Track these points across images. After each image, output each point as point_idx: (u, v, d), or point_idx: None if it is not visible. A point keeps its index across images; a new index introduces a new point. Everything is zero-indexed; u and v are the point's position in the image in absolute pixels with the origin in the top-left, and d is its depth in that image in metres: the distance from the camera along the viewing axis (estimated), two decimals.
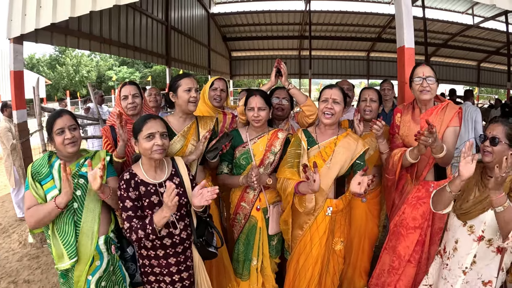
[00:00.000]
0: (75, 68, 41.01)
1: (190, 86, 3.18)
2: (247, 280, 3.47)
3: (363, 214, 3.78)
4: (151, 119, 2.68)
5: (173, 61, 15.05)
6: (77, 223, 2.66)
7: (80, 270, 2.65)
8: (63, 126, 2.64)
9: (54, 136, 2.65)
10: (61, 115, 2.68)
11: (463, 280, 2.69)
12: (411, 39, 4.35)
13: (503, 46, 22.75)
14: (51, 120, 2.66)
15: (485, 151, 2.58)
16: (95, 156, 2.89)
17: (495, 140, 2.52)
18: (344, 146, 3.14)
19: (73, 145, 2.68)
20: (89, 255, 2.67)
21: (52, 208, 2.51)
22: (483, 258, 2.61)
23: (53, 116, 2.69)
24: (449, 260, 2.80)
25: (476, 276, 2.65)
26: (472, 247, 2.63)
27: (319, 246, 3.18)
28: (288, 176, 3.07)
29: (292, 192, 3.00)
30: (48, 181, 2.63)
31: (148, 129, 2.62)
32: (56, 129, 2.63)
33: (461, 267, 2.68)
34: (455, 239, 2.74)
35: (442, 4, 21.27)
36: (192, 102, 3.20)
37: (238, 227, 3.45)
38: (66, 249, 2.59)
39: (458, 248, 2.72)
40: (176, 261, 2.77)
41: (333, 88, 3.15)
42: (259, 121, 3.29)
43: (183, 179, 2.84)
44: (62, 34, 8.03)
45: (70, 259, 2.59)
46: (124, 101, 3.51)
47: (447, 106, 3.28)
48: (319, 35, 23.52)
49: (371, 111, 3.73)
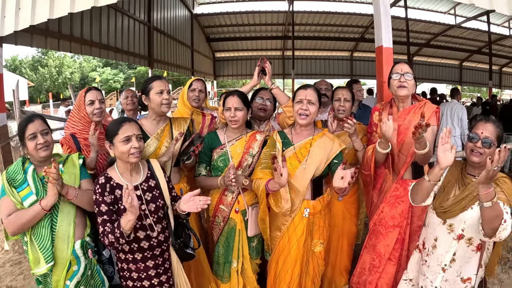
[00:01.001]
0: (58, 70, 40.65)
1: (162, 89, 3.18)
2: (228, 282, 3.45)
3: (339, 213, 3.78)
4: (126, 122, 2.67)
5: (155, 62, 15.01)
6: (53, 227, 2.65)
7: (58, 275, 2.64)
8: (35, 131, 2.65)
9: (27, 142, 2.65)
10: (32, 120, 2.69)
11: (442, 277, 2.71)
12: (389, 38, 4.38)
13: (485, 45, 23.15)
14: (23, 126, 2.67)
15: (475, 151, 2.55)
16: (68, 160, 2.86)
17: (489, 143, 2.50)
18: (320, 146, 3.14)
19: (45, 149, 2.69)
20: (66, 260, 2.65)
21: (38, 211, 2.52)
22: (462, 257, 2.63)
23: (24, 121, 2.70)
24: (428, 257, 2.81)
25: (455, 273, 2.67)
26: (451, 246, 2.65)
27: (297, 247, 3.18)
28: (260, 176, 3.07)
29: (264, 190, 3.00)
30: (24, 188, 2.63)
31: (124, 132, 2.60)
32: (28, 134, 2.64)
33: (440, 264, 2.71)
34: (434, 237, 2.75)
35: (424, 5, 21.53)
36: (164, 104, 3.19)
37: (217, 229, 3.43)
38: (42, 253, 2.59)
39: (437, 246, 2.73)
40: (154, 264, 2.75)
41: (308, 89, 3.14)
42: (236, 122, 3.26)
43: (159, 181, 2.83)
44: (42, 35, 7.98)
45: (47, 263, 2.58)
46: (90, 106, 3.38)
47: (424, 105, 3.30)
48: (303, 35, 23.68)
49: (345, 111, 3.72)
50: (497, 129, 2.54)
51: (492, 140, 2.49)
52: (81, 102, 3.40)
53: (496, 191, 2.39)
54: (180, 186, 3.42)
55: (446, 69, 27.73)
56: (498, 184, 2.49)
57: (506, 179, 2.53)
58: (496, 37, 22.59)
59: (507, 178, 2.55)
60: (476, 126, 2.59)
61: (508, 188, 2.47)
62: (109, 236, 2.47)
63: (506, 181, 2.52)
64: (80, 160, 2.89)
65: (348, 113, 3.76)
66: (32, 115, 2.79)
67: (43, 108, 30.29)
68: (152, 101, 3.21)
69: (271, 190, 2.97)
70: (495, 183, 2.49)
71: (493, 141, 2.50)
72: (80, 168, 2.85)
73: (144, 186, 2.74)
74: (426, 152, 2.92)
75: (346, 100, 3.73)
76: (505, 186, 2.48)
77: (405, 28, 18.91)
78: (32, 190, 2.63)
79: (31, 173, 2.67)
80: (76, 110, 3.44)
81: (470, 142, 2.58)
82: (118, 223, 2.46)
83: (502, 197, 2.42)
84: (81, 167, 2.87)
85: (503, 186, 2.48)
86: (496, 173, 2.19)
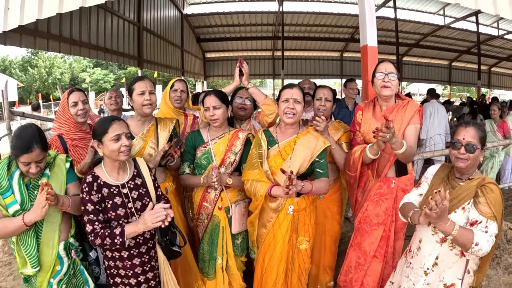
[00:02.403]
0: (48, 70, 40.41)
1: (143, 90, 3.21)
2: (214, 279, 3.47)
3: (321, 211, 3.79)
4: (116, 120, 2.68)
5: (145, 63, 14.98)
6: (38, 235, 2.63)
7: (42, 277, 2.65)
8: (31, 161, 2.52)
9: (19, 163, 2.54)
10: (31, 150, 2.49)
11: (424, 280, 2.69)
12: (374, 37, 4.41)
13: (474, 45, 23.29)
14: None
15: (459, 158, 2.53)
16: (56, 161, 2.80)
17: (472, 147, 2.49)
18: (304, 144, 3.17)
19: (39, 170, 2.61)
20: (51, 264, 2.66)
21: (20, 225, 2.47)
22: (445, 261, 2.61)
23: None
24: (413, 258, 2.81)
25: (437, 278, 2.65)
26: (434, 248, 2.63)
27: (283, 244, 3.20)
28: (257, 178, 3.11)
29: (264, 195, 3.06)
30: (9, 195, 2.54)
31: (114, 131, 2.61)
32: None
33: (423, 267, 2.69)
34: (419, 238, 2.75)
35: (414, 5, 21.61)
36: (146, 105, 3.23)
37: (202, 226, 3.46)
38: (29, 259, 2.59)
39: (421, 247, 2.72)
40: (141, 261, 2.76)
41: (294, 88, 3.18)
42: (216, 120, 3.31)
43: (145, 179, 2.85)
44: (31, 36, 7.96)
45: (33, 268, 2.59)
46: (73, 107, 3.39)
47: (408, 104, 3.32)
48: (293, 35, 23.70)
49: (325, 110, 3.74)
50: (479, 131, 2.53)
51: (474, 144, 2.49)
52: (65, 104, 3.42)
53: (481, 202, 2.43)
54: (165, 185, 3.45)
55: (435, 69, 27.87)
56: (484, 193, 2.46)
57: (494, 187, 2.49)
58: (485, 38, 22.78)
59: (495, 185, 2.51)
60: (457, 132, 2.60)
61: (493, 198, 2.44)
62: (106, 239, 2.49)
63: (493, 189, 2.48)
64: (67, 164, 2.83)
65: (329, 112, 3.78)
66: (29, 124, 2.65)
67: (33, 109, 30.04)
68: (134, 102, 3.25)
69: (273, 196, 3.05)
70: (481, 190, 2.48)
71: (475, 144, 2.49)
72: (67, 171, 2.80)
73: (131, 184, 2.75)
74: (403, 151, 2.93)
75: (327, 100, 3.75)
76: (491, 196, 2.44)
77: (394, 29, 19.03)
78: (16, 199, 2.54)
79: (17, 179, 2.58)
80: (61, 112, 3.45)
81: (453, 149, 2.57)
82: (121, 231, 2.49)
83: (486, 212, 2.40)
84: (68, 170, 2.82)
85: (488, 196, 2.44)
86: (444, 210, 2.22)
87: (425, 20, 22.26)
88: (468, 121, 2.65)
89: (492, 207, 2.41)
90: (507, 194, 7.81)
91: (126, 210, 2.67)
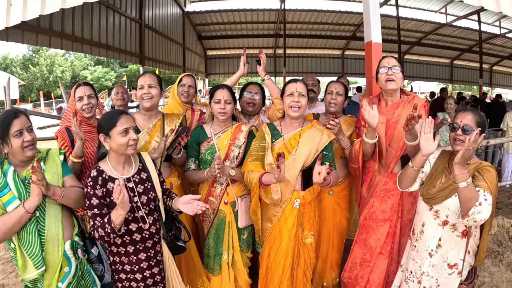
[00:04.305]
0: (49, 68, 40.37)
1: (142, 84, 3.29)
2: (219, 275, 3.46)
3: (330, 207, 3.79)
4: (123, 114, 2.66)
5: (147, 60, 15.00)
6: (41, 232, 2.53)
7: (49, 279, 2.55)
8: (22, 128, 2.48)
9: (11, 139, 2.45)
10: (18, 115, 2.50)
11: (429, 262, 2.78)
12: (378, 34, 4.42)
13: (476, 44, 23.25)
14: (7, 121, 2.45)
15: (457, 140, 2.66)
16: (48, 156, 2.74)
17: (468, 129, 2.60)
18: (308, 138, 3.19)
19: (31, 148, 2.53)
20: (58, 263, 2.56)
21: (22, 214, 2.39)
22: (448, 242, 2.71)
23: (8, 116, 2.49)
24: (417, 242, 2.89)
25: (441, 259, 2.74)
26: (437, 231, 2.73)
27: (289, 238, 3.21)
28: (252, 168, 3.11)
29: (257, 183, 3.05)
30: (7, 192, 2.45)
31: (123, 124, 2.60)
32: (14, 131, 2.44)
33: (427, 249, 2.78)
34: (422, 222, 2.84)
35: (416, 3, 21.58)
36: (144, 98, 3.28)
37: (207, 222, 3.45)
38: (32, 259, 2.47)
39: (424, 231, 2.81)
40: (146, 256, 2.75)
41: (298, 82, 3.21)
42: (225, 114, 3.32)
43: (151, 174, 2.84)
44: (33, 32, 7.97)
45: (37, 269, 2.47)
46: (79, 102, 3.37)
47: (413, 99, 3.33)
48: (294, 33, 23.65)
49: (336, 104, 3.74)
50: (476, 116, 2.66)
51: (471, 127, 2.61)
52: (72, 98, 3.42)
53: (478, 179, 2.52)
54: (170, 180, 3.46)
55: (437, 68, 27.84)
56: (480, 173, 2.57)
57: (490, 168, 2.61)
58: (487, 36, 22.70)
59: (491, 167, 2.62)
60: (456, 117, 2.74)
61: (490, 176, 2.54)
62: (99, 230, 2.47)
63: (490, 170, 2.59)
64: (61, 156, 2.78)
65: (340, 107, 3.78)
66: (16, 109, 2.59)
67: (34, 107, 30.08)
68: (137, 96, 3.32)
69: (264, 184, 3.02)
70: (479, 171, 2.58)
71: (472, 127, 2.60)
72: (62, 164, 2.75)
73: (136, 178, 2.74)
74: (417, 143, 2.93)
75: (338, 94, 3.75)
76: (487, 175, 2.55)
77: (396, 27, 19.00)
78: (15, 195, 2.47)
79: (12, 175, 2.50)
80: (70, 105, 3.46)
81: (452, 132, 2.71)
82: (108, 218, 2.45)
83: (483, 185, 2.49)
84: (62, 163, 2.77)
85: (485, 175, 2.55)
86: (472, 153, 2.32)
87: (427, 18, 22.22)
88: (467, 108, 2.82)
89: (489, 183, 2.51)
90: (508, 192, 7.83)
91: (131, 204, 2.63)
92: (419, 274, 2.85)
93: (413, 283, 2.92)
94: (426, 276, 2.81)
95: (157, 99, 3.36)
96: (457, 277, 2.73)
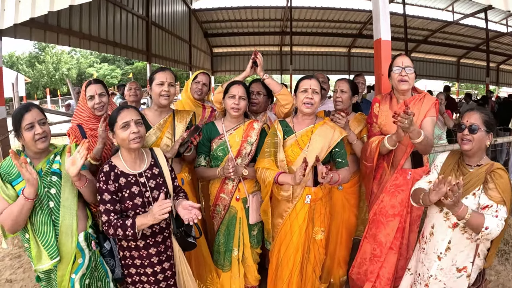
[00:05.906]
0: (55, 66, 40.40)
1: (162, 80, 3.21)
2: (229, 271, 3.48)
3: (339, 203, 3.77)
4: (124, 108, 2.66)
5: (154, 57, 15.04)
6: (55, 223, 2.56)
7: (63, 270, 2.57)
8: (33, 121, 2.50)
9: (23, 132, 2.49)
10: (29, 109, 2.53)
11: (438, 265, 2.76)
12: (387, 31, 4.39)
13: (482, 42, 23.18)
14: (19, 115, 2.50)
15: (464, 140, 2.63)
16: (65, 149, 2.74)
17: (474, 128, 2.58)
18: (321, 135, 3.19)
19: (44, 140, 2.55)
20: (71, 254, 2.59)
21: (22, 202, 2.37)
22: (457, 245, 2.68)
23: (20, 110, 2.53)
24: (426, 244, 2.88)
25: (450, 262, 2.71)
26: (447, 233, 2.70)
27: (299, 234, 3.21)
28: (266, 166, 3.12)
29: (272, 182, 3.05)
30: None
31: (122, 118, 2.60)
32: (25, 124, 2.48)
33: (436, 252, 2.76)
34: (432, 224, 2.82)
35: (422, 1, 21.50)
36: (163, 96, 3.23)
37: (218, 218, 3.46)
38: (46, 250, 2.49)
39: (434, 233, 2.79)
40: (157, 251, 2.76)
41: (312, 79, 3.20)
42: (238, 110, 3.31)
43: (163, 169, 2.83)
44: (41, 29, 7.99)
45: (52, 260, 2.49)
46: (90, 101, 3.35)
47: (424, 97, 3.33)
48: (300, 31, 23.65)
49: (342, 102, 3.74)
50: (482, 115, 2.63)
51: (477, 126, 2.59)
52: (83, 96, 3.40)
53: (490, 188, 2.50)
54: (181, 176, 3.44)
55: (443, 66, 27.75)
56: (493, 178, 2.54)
57: (502, 172, 2.57)
58: (494, 35, 22.62)
59: (504, 170, 2.58)
60: (462, 117, 2.73)
61: (503, 183, 2.51)
62: (118, 230, 2.48)
63: (502, 175, 2.55)
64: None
65: (346, 104, 3.77)
66: (28, 103, 2.62)
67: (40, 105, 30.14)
68: (153, 91, 3.26)
69: (280, 183, 3.04)
70: (491, 176, 2.55)
71: (478, 126, 2.58)
72: None
73: (148, 173, 2.74)
74: (421, 140, 2.92)
75: (342, 91, 3.75)
76: (500, 181, 2.52)
77: (403, 25, 18.94)
78: None
79: None
80: (81, 102, 3.44)
81: (459, 132, 2.68)
82: (132, 223, 2.47)
83: (496, 197, 2.48)
84: None
85: (497, 181, 2.52)
86: (458, 199, 2.31)
87: (433, 16, 22.15)
88: (473, 108, 2.76)
89: (502, 192, 2.49)
90: None
91: (143, 199, 2.65)
92: (427, 278, 2.84)
93: (421, 285, 2.91)
94: (433, 280, 2.80)
95: (173, 98, 3.35)
96: (465, 280, 2.71)
